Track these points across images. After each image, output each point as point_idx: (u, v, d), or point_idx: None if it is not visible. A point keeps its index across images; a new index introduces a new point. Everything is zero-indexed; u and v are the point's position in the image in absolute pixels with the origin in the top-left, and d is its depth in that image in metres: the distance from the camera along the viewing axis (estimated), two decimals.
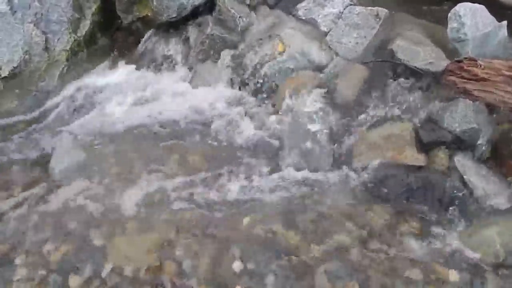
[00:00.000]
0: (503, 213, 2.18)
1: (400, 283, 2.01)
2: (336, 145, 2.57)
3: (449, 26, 2.51)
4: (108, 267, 2.08)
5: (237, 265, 2.09)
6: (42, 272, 2.08)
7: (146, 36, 3.28)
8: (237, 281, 2.03)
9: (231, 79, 2.98)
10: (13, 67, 2.99)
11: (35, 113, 2.97)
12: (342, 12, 2.84)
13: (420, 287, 2.00)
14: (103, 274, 2.05)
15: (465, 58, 2.43)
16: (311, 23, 2.93)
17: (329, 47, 2.83)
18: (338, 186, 2.43)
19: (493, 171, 2.29)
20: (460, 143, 2.36)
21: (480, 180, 2.27)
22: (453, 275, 2.03)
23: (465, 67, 2.41)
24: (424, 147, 2.39)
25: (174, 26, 3.20)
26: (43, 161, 2.63)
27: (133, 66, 3.17)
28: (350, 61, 2.76)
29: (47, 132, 2.83)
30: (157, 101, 2.96)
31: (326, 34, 2.85)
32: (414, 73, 2.54)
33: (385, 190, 2.37)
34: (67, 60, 3.15)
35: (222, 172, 2.54)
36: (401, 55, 2.58)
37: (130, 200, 2.39)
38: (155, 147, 2.70)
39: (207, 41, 3.04)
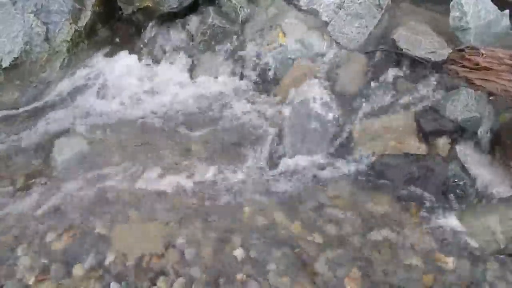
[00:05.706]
0: (504, 201, 2.19)
1: (401, 271, 2.02)
2: (338, 134, 2.57)
3: (451, 15, 2.51)
4: (111, 255, 2.09)
5: (239, 254, 2.10)
6: (45, 261, 2.08)
7: (147, 27, 3.27)
8: (239, 269, 2.04)
9: (233, 69, 2.98)
10: (14, 58, 2.97)
11: (36, 104, 2.96)
12: (344, 2, 2.83)
13: (420, 275, 2.01)
14: (106, 263, 2.06)
15: (467, 47, 2.43)
16: (313, 13, 2.92)
17: (331, 37, 2.82)
18: (340, 175, 2.43)
19: (495, 160, 2.29)
20: (462, 132, 2.36)
21: (481, 168, 2.27)
22: (454, 263, 2.04)
23: (467, 56, 2.41)
24: (426, 136, 2.39)
25: (175, 17, 3.18)
26: (45, 152, 2.63)
27: (135, 57, 3.16)
28: (351, 51, 2.75)
29: (48, 123, 2.82)
30: (159, 92, 2.96)
31: (327, 24, 2.85)
32: (416, 62, 2.53)
33: (387, 179, 2.38)
34: (68, 51, 3.13)
35: (223, 161, 2.55)
36: (402, 45, 2.58)
37: (132, 189, 2.39)
38: (157, 136, 2.70)
39: (208, 32, 3.03)
